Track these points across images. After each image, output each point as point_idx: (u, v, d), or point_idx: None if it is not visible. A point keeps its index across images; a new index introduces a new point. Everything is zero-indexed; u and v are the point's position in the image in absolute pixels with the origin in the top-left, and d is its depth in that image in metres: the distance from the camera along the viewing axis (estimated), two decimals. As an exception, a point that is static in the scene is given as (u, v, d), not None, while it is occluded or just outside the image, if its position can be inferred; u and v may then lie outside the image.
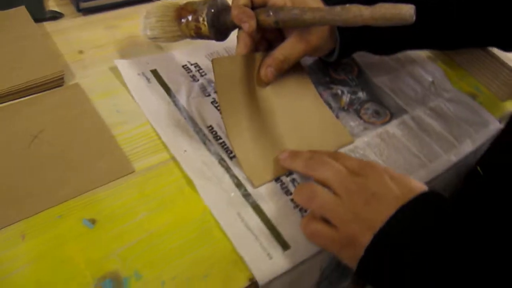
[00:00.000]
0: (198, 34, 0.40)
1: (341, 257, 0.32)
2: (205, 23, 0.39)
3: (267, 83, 0.40)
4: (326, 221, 0.32)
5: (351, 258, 0.30)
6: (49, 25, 0.49)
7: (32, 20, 0.47)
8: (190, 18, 0.40)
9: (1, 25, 0.46)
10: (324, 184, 0.33)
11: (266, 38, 0.42)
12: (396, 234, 0.28)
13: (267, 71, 0.39)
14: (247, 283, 0.31)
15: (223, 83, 0.38)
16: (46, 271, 0.30)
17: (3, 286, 0.29)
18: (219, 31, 0.40)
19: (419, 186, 0.31)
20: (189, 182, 0.36)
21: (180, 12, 0.40)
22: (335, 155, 0.36)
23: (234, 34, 0.40)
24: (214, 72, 0.37)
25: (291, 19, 0.37)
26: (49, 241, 0.32)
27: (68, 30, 0.49)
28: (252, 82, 0.40)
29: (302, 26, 0.38)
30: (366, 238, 0.29)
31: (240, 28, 0.38)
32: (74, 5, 0.51)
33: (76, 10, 0.51)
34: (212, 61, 0.37)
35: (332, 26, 0.41)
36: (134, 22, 0.51)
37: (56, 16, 0.50)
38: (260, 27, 0.38)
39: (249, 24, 0.36)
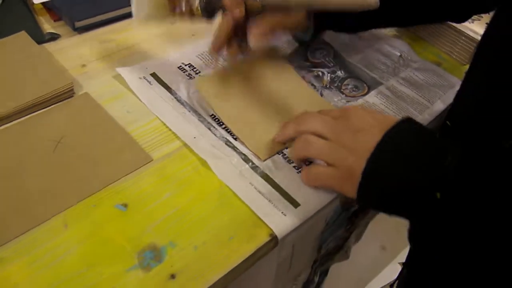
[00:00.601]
0: (191, 17, 0.45)
1: (344, 191, 0.37)
2: (199, 11, 0.44)
3: (256, 49, 0.44)
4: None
5: (353, 189, 0.35)
6: (49, 46, 0.53)
7: (35, 42, 0.52)
8: (183, 6, 0.44)
9: (8, 49, 0.50)
10: (315, 135, 0.38)
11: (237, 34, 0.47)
12: (386, 156, 0.33)
13: (255, 37, 0.43)
14: (268, 238, 0.36)
15: (210, 97, 0.46)
16: (92, 251, 0.34)
17: (57, 268, 0.33)
18: (211, 14, 0.44)
19: (395, 118, 0.36)
20: (203, 163, 0.41)
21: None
22: (319, 111, 0.41)
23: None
24: (200, 92, 0.45)
25: (276, 3, 0.42)
26: (89, 226, 0.36)
27: (67, 48, 0.53)
28: (238, 84, 0.47)
29: (285, 11, 0.44)
30: (361, 166, 0.33)
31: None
32: (69, 26, 0.55)
33: (72, 30, 0.55)
34: (196, 84, 0.45)
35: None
36: (126, 35, 0.56)
37: (54, 37, 0.54)
38: (247, 13, 0.43)
39: (239, 10, 0.41)
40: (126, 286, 0.32)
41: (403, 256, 1.19)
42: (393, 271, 1.23)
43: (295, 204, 0.39)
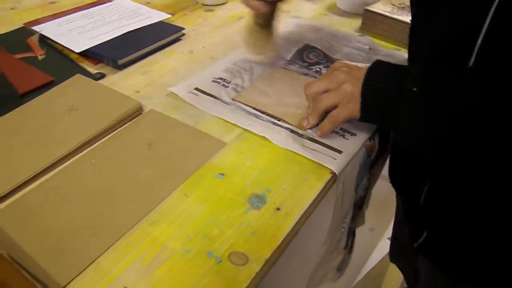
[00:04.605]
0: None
1: (352, 114, 0.50)
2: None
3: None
4: None
5: (357, 108, 0.49)
6: (101, 82, 0.64)
7: (93, 80, 0.63)
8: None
9: (74, 87, 0.61)
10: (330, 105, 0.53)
11: None
12: (374, 77, 0.48)
13: None
14: (330, 176, 0.50)
15: (247, 101, 0.61)
16: (214, 206, 0.46)
17: (195, 221, 0.44)
18: None
19: None
20: (264, 139, 0.55)
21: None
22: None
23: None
24: (238, 100, 0.61)
25: None
26: (203, 192, 0.48)
27: (117, 82, 0.65)
28: (264, 89, 0.63)
29: None
30: (358, 89, 0.48)
31: None
32: (112, 65, 0.67)
33: (114, 68, 0.67)
34: (234, 97, 0.61)
35: None
36: (160, 65, 0.69)
37: (102, 75, 0.66)
38: None
39: None
40: (249, 220, 0.45)
41: (388, 233, 1.37)
42: (383, 248, 1.40)
43: (339, 151, 0.53)
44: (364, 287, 1.28)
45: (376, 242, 1.41)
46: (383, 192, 1.19)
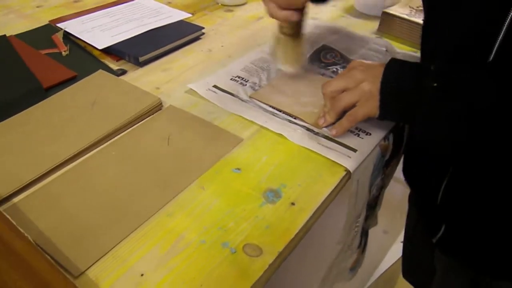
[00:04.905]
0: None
1: (370, 112, 0.51)
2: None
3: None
4: None
5: (375, 107, 0.50)
6: (123, 78, 0.66)
7: (114, 75, 0.65)
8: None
9: (97, 82, 0.63)
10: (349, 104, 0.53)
11: None
12: (391, 75, 0.48)
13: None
14: (344, 173, 0.51)
15: (264, 99, 0.61)
16: (230, 199, 0.47)
17: (211, 213, 0.45)
18: None
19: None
20: (280, 136, 0.56)
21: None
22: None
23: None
24: (255, 98, 0.61)
25: None
26: (220, 186, 0.49)
27: (138, 78, 0.67)
28: (280, 88, 0.63)
29: None
30: (377, 87, 0.49)
31: None
32: (133, 62, 0.69)
33: (135, 64, 0.69)
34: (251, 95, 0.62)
35: None
36: (179, 63, 0.71)
37: (123, 71, 0.68)
38: None
39: None
40: (264, 213, 0.46)
41: (402, 237, 1.36)
42: (396, 251, 1.39)
43: (353, 150, 0.54)
44: (376, 291, 1.27)
45: (390, 245, 1.41)
46: (398, 196, 1.19)
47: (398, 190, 1.07)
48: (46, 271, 0.36)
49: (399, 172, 0.71)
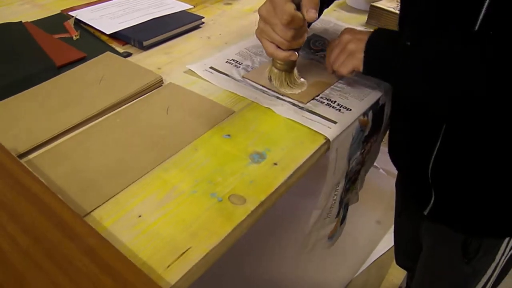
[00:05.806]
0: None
1: (356, 66, 0.60)
2: None
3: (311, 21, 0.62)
4: None
5: (360, 63, 0.59)
6: (128, 59, 0.73)
7: (121, 56, 0.71)
8: None
9: (105, 62, 0.69)
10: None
11: None
12: (375, 39, 0.57)
13: (310, 12, 0.57)
14: (324, 140, 0.57)
15: (256, 78, 0.67)
16: (220, 159, 0.53)
17: (203, 169, 0.51)
18: None
19: None
20: (268, 109, 0.61)
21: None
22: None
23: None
24: (248, 78, 0.67)
25: None
26: (211, 148, 0.55)
27: (142, 60, 0.73)
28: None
29: None
30: (362, 48, 0.58)
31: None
32: (138, 46, 0.76)
33: (140, 48, 0.76)
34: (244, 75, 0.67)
35: None
36: (181, 47, 0.77)
37: (128, 54, 0.74)
38: None
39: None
40: (249, 171, 0.51)
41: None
42: (389, 241, 1.44)
43: (334, 122, 0.60)
44: (368, 277, 1.32)
45: (383, 235, 1.46)
46: (391, 188, 1.24)
47: (390, 183, 1.13)
48: (58, 207, 0.43)
49: (391, 166, 0.77)
